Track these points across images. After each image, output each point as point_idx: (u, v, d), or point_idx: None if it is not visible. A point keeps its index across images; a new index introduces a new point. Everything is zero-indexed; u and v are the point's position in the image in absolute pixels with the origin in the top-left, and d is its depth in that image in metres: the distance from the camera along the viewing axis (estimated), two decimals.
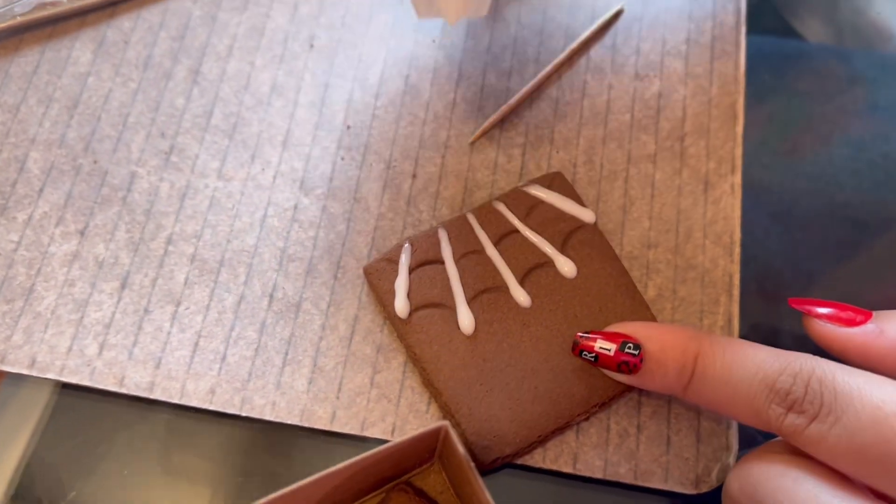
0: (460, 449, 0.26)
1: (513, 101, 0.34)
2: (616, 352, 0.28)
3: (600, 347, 0.28)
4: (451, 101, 0.35)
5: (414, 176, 0.34)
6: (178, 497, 0.29)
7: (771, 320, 0.33)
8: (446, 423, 0.26)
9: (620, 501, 0.29)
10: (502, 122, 0.35)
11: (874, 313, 0.26)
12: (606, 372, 0.29)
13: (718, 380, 0.26)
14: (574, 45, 0.36)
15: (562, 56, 0.36)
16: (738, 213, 0.33)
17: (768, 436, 0.26)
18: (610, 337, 0.28)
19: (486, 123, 0.34)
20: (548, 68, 0.35)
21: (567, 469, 0.29)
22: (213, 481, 0.29)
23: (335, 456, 0.29)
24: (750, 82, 0.36)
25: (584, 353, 0.28)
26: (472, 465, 0.26)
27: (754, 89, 0.36)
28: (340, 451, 0.30)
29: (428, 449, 0.28)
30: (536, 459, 0.29)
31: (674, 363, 0.27)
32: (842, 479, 0.23)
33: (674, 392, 0.27)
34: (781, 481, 0.23)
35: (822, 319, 0.27)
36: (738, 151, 0.35)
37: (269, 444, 0.30)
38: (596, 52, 0.36)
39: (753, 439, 0.30)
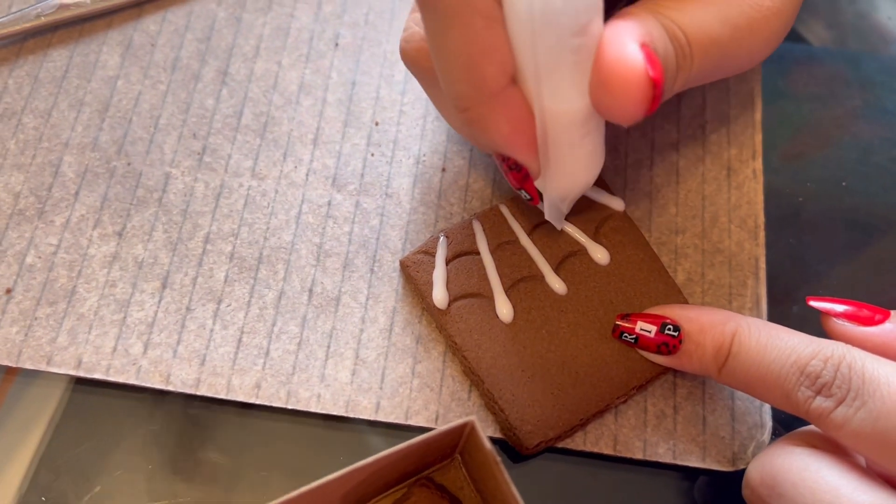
0: (487, 444, 0.26)
1: None
2: (656, 333, 0.28)
3: (641, 329, 0.29)
4: None
5: (443, 170, 0.34)
6: (204, 491, 0.30)
7: (779, 322, 0.34)
8: (473, 418, 0.26)
9: (643, 481, 0.30)
10: None
11: (892, 312, 0.27)
12: (645, 354, 0.29)
13: (752, 361, 0.26)
14: None
15: None
16: (760, 197, 0.34)
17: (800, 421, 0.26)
18: (650, 319, 0.29)
19: None
20: None
21: (608, 451, 0.30)
22: (236, 475, 0.30)
23: (358, 450, 0.30)
24: None
25: (625, 335, 0.29)
26: (499, 459, 0.26)
27: (762, 93, 0.37)
28: (364, 443, 0.30)
29: (450, 445, 0.28)
30: (577, 443, 0.30)
31: (711, 343, 0.27)
32: (864, 472, 0.24)
33: (709, 373, 0.28)
34: (804, 474, 0.24)
35: (841, 318, 0.27)
36: (759, 137, 0.35)
37: (291, 438, 0.30)
38: None
39: (789, 425, 0.31)
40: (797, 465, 0.24)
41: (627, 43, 0.23)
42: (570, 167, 0.27)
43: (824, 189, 0.36)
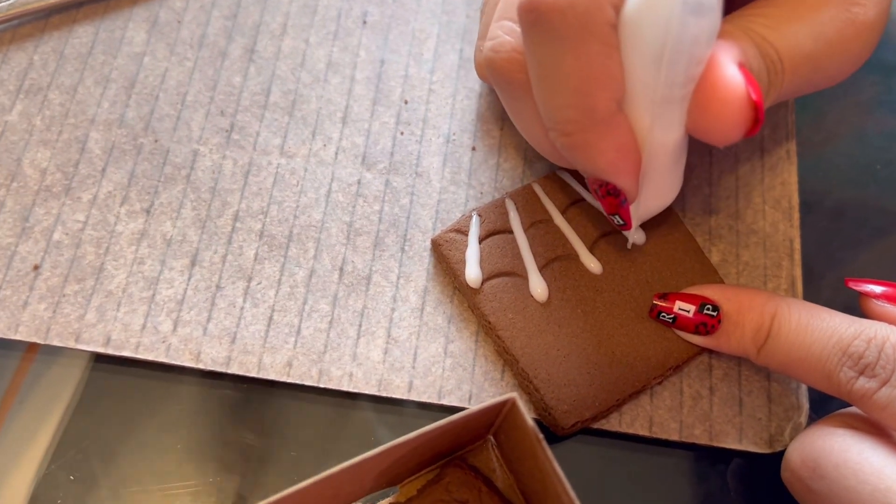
0: (529, 421, 0.25)
1: None
2: (695, 313, 0.28)
3: (679, 309, 0.28)
4: None
5: (473, 148, 0.34)
6: (234, 471, 0.29)
7: None
8: (514, 395, 0.26)
9: (679, 462, 0.30)
10: None
11: None
12: (682, 334, 0.29)
13: (793, 341, 0.26)
14: None
15: None
16: (794, 178, 0.34)
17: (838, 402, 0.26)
18: (688, 299, 0.28)
19: None
20: None
21: (644, 432, 0.29)
22: (266, 455, 0.29)
23: (388, 430, 0.30)
24: None
25: (663, 314, 0.29)
26: (541, 436, 0.25)
27: None
28: (395, 423, 0.30)
29: (485, 425, 0.28)
30: (613, 424, 0.30)
31: (751, 324, 0.27)
32: None
33: (748, 353, 0.28)
34: (846, 455, 0.24)
35: (880, 299, 0.27)
36: (792, 118, 0.35)
37: (320, 418, 0.30)
38: None
39: (824, 406, 0.30)
40: (839, 446, 0.24)
41: (727, 65, 0.23)
42: (662, 189, 0.27)
43: (850, 176, 0.36)
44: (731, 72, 0.23)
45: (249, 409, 0.30)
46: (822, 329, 0.26)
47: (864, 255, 0.34)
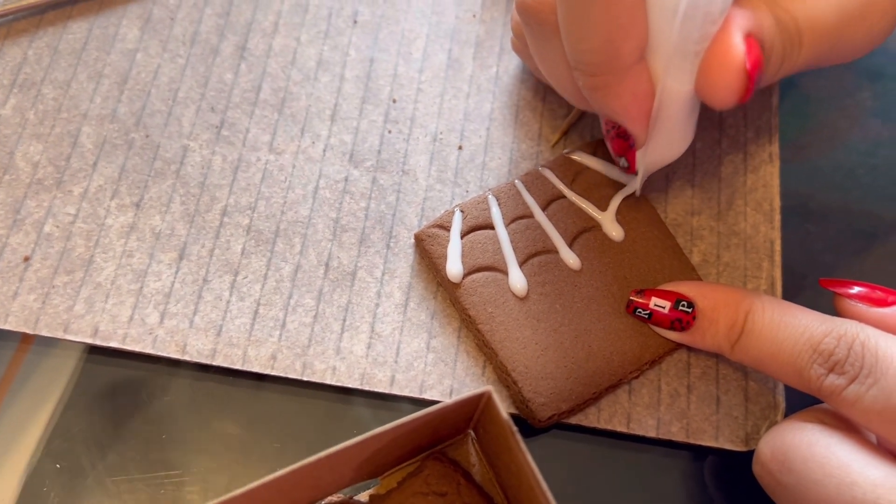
0: (503, 414, 0.26)
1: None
2: (670, 309, 0.29)
3: (655, 305, 0.29)
4: (493, 74, 0.36)
5: (460, 148, 0.34)
6: (217, 461, 0.30)
7: None
8: (490, 388, 0.26)
9: (656, 459, 0.30)
10: (545, 95, 0.36)
11: None
12: (658, 330, 0.30)
13: (766, 337, 0.26)
14: None
15: None
16: (776, 180, 0.34)
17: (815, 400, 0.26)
18: (664, 295, 0.29)
19: (564, 124, 0.35)
20: None
21: (621, 428, 0.30)
22: (250, 447, 0.30)
23: (372, 425, 0.30)
24: None
25: (639, 310, 0.29)
26: (515, 429, 0.26)
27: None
28: (378, 418, 0.30)
29: (464, 418, 0.28)
30: (591, 419, 0.30)
31: (725, 320, 0.28)
32: (874, 448, 0.24)
33: (722, 349, 0.28)
34: (814, 449, 0.24)
35: (854, 299, 0.27)
36: (775, 121, 0.35)
37: (305, 411, 0.30)
38: None
39: (802, 406, 0.31)
40: (808, 440, 0.25)
41: (735, 33, 0.24)
42: (670, 140, 0.28)
43: (834, 180, 0.36)
44: (735, 40, 0.24)
45: (235, 403, 0.30)
46: (794, 326, 0.26)
47: (845, 259, 0.35)
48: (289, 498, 0.26)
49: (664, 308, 0.29)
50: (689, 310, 0.28)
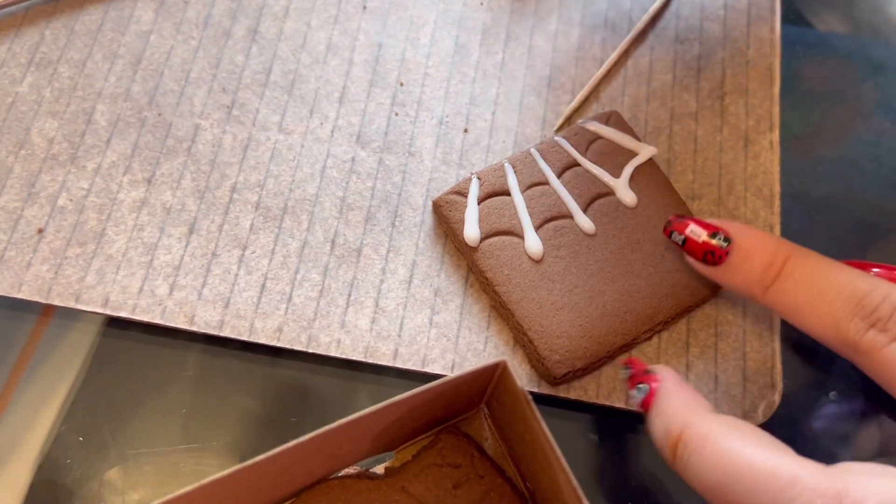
0: (518, 383, 0.27)
1: (592, 81, 0.36)
2: (706, 239, 0.28)
3: (691, 231, 0.29)
4: (499, 60, 0.37)
5: (465, 131, 0.35)
6: (235, 434, 0.30)
7: None
8: (505, 359, 0.27)
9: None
10: (549, 81, 0.36)
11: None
12: (689, 261, 0.29)
13: (806, 284, 0.26)
14: (640, 24, 0.37)
15: (629, 37, 0.37)
16: (776, 167, 0.35)
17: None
18: (702, 224, 0.28)
19: (568, 110, 0.36)
20: (618, 50, 0.37)
21: (619, 405, 0.30)
22: (267, 421, 0.31)
23: (379, 400, 0.30)
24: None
25: (675, 234, 0.29)
26: (530, 398, 0.27)
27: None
28: (393, 395, 0.31)
29: (478, 391, 0.29)
30: (591, 395, 0.30)
31: (762, 260, 0.27)
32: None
33: (752, 291, 0.27)
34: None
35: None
36: (776, 110, 0.36)
37: (321, 388, 0.31)
38: (637, 17, 0.38)
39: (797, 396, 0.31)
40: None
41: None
42: None
43: (835, 170, 0.36)
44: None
45: (252, 378, 0.31)
46: (837, 278, 0.25)
47: (846, 246, 0.35)
48: (308, 466, 0.27)
49: (699, 237, 0.28)
50: (725, 244, 0.28)
